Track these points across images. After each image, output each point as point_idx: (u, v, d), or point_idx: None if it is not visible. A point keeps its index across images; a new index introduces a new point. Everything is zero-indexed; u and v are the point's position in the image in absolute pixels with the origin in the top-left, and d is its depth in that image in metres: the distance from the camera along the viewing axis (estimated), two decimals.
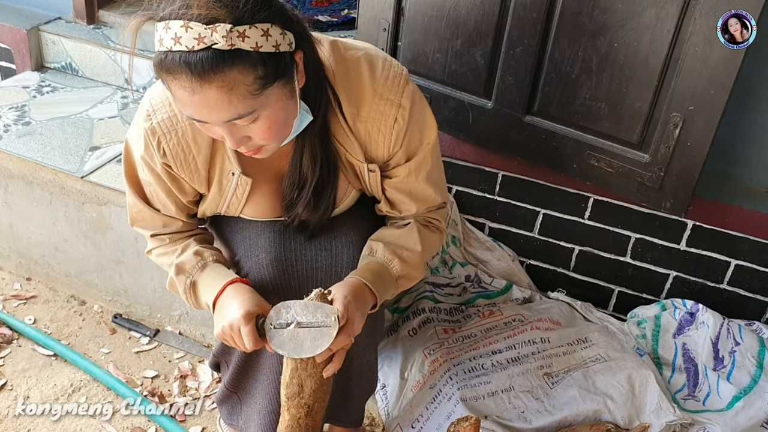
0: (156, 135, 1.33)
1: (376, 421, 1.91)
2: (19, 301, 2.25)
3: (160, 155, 1.34)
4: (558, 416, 1.61)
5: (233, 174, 1.38)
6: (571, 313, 1.95)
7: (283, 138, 1.23)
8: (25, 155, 2.14)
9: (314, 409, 1.28)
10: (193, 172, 1.38)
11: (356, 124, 1.33)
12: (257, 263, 1.44)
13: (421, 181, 1.42)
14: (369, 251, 1.44)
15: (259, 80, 1.09)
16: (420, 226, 1.47)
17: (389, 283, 1.40)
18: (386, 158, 1.39)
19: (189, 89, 1.07)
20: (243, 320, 1.27)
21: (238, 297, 1.33)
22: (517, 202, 2.09)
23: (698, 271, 1.98)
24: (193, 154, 1.35)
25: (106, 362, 2.05)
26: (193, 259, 1.43)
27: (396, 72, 1.34)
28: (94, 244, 2.13)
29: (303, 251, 1.45)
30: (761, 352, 1.73)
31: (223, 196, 1.43)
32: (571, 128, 1.80)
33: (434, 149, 1.43)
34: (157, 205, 1.45)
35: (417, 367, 1.84)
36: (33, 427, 1.83)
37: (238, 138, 1.18)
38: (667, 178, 1.71)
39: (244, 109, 1.11)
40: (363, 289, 1.32)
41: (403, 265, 1.41)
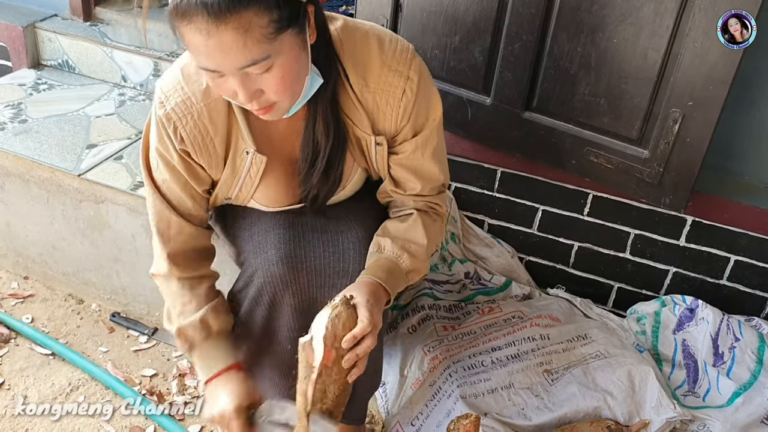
0: (171, 121, 1.32)
1: (375, 419, 1.90)
2: (17, 300, 2.24)
3: (177, 141, 1.34)
4: (558, 413, 1.61)
5: (247, 153, 1.37)
6: (570, 309, 1.95)
7: (294, 96, 1.22)
8: (22, 153, 2.13)
9: (334, 414, 1.28)
10: (211, 155, 1.37)
11: (364, 94, 1.33)
12: (266, 260, 1.44)
13: (428, 157, 1.42)
14: (377, 248, 1.43)
15: (273, 23, 1.09)
16: (423, 216, 1.47)
17: (400, 279, 1.40)
18: (393, 132, 1.39)
19: (205, 32, 1.07)
20: (234, 413, 1.33)
21: (230, 387, 1.37)
22: (516, 198, 2.09)
23: (698, 267, 1.98)
24: (210, 135, 1.34)
25: (105, 361, 2.04)
26: (197, 328, 1.43)
27: (403, 46, 1.35)
28: (92, 242, 2.12)
29: (311, 247, 1.44)
30: (761, 347, 1.73)
31: (237, 176, 1.41)
32: (570, 124, 1.80)
33: (439, 126, 1.44)
34: (174, 202, 1.43)
35: (416, 364, 1.84)
36: (31, 427, 1.82)
37: (251, 91, 1.17)
38: (667, 174, 1.70)
39: (258, 53, 1.10)
40: (379, 289, 1.33)
41: (412, 259, 1.42)
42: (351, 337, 1.22)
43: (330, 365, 1.24)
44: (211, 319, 1.44)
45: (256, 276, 1.46)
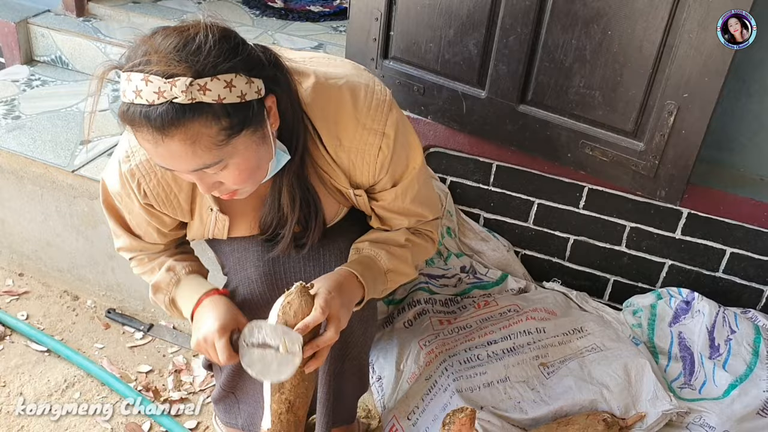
0: (135, 177, 1.31)
1: (372, 413, 1.90)
2: (12, 297, 2.23)
3: (141, 196, 1.33)
4: (554, 406, 1.61)
5: (211, 210, 1.37)
6: (566, 302, 1.94)
7: (257, 181, 1.21)
8: (15, 150, 2.12)
9: (295, 404, 1.27)
10: (176, 208, 1.37)
11: (339, 153, 1.31)
12: (246, 278, 1.44)
13: (409, 203, 1.41)
14: (355, 251, 1.43)
15: (223, 131, 1.07)
16: (408, 233, 1.47)
17: (378, 276, 1.39)
18: (372, 183, 1.37)
19: (152, 142, 1.06)
20: (217, 334, 1.29)
21: (214, 310, 1.34)
22: (511, 192, 2.08)
23: (694, 259, 1.98)
24: (174, 192, 1.34)
25: (100, 357, 2.04)
26: (166, 276, 1.45)
27: (379, 99, 1.30)
28: (86, 238, 2.11)
29: (291, 263, 1.43)
30: (757, 339, 1.73)
31: (205, 227, 1.42)
32: (565, 117, 1.79)
33: (420, 172, 1.41)
34: (138, 231, 1.44)
35: (413, 358, 1.84)
36: (27, 424, 1.82)
37: (209, 184, 1.17)
38: (662, 167, 1.70)
39: (209, 159, 1.09)
40: (350, 281, 1.31)
41: (390, 258, 1.40)
42: (302, 326, 1.20)
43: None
44: (177, 265, 1.45)
45: (237, 293, 1.46)
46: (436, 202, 1.51)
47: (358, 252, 1.42)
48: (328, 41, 2.63)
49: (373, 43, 1.95)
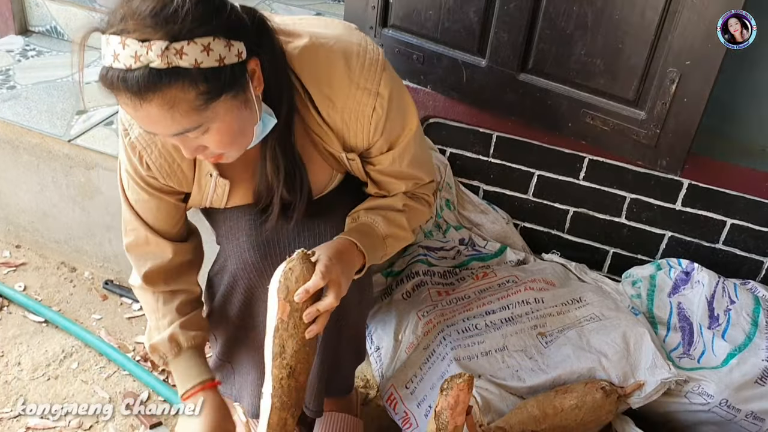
0: (136, 150, 1.30)
1: (370, 382, 1.91)
2: (9, 269, 2.22)
3: (144, 169, 1.32)
4: (552, 374, 1.60)
5: (210, 175, 1.35)
6: (565, 273, 1.94)
7: (243, 145, 1.20)
8: (11, 119, 2.11)
9: (297, 370, 1.27)
10: (180, 178, 1.35)
11: (331, 115, 1.29)
12: (238, 246, 1.42)
13: (405, 166, 1.39)
14: (351, 219, 1.42)
15: (202, 96, 1.06)
16: (406, 198, 1.45)
17: (377, 243, 1.38)
18: (366, 147, 1.35)
19: (131, 106, 1.05)
20: None
21: (207, 414, 1.41)
22: (511, 163, 2.07)
23: (694, 231, 1.97)
24: (177, 161, 1.32)
25: (98, 328, 2.04)
26: (167, 345, 1.44)
27: (372, 58, 1.28)
28: (83, 209, 2.10)
29: (284, 232, 1.41)
30: (756, 309, 1.72)
31: (204, 195, 1.40)
32: (566, 86, 1.77)
33: (416, 135, 1.39)
34: (149, 220, 1.42)
35: (411, 329, 1.83)
36: (25, 393, 1.82)
37: (192, 148, 1.16)
38: (663, 136, 1.68)
39: (189, 124, 1.08)
40: (350, 249, 1.30)
41: (387, 223, 1.39)
42: (303, 291, 1.20)
43: (285, 319, 1.23)
44: (180, 336, 1.44)
45: (230, 262, 1.45)
46: (431, 165, 1.50)
47: (354, 220, 1.41)
48: (326, 11, 2.61)
49: (372, 11, 1.93)
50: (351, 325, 1.54)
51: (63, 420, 1.75)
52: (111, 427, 1.73)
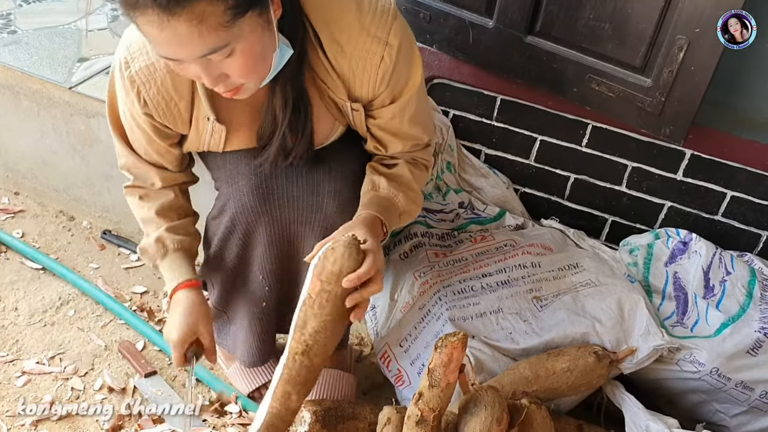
0: (135, 84, 1.29)
1: (365, 340, 1.92)
2: (7, 215, 2.22)
3: (141, 105, 1.31)
4: (545, 338, 1.61)
5: (208, 119, 1.35)
6: (563, 239, 1.94)
7: (262, 75, 1.18)
8: (11, 64, 2.08)
9: (312, 349, 1.27)
10: (176, 117, 1.35)
11: (338, 60, 1.28)
12: (237, 190, 1.43)
13: (406, 122, 1.39)
14: (371, 186, 1.42)
15: (230, 10, 1.04)
16: (409, 165, 1.46)
17: (394, 218, 1.40)
18: (370, 98, 1.34)
19: (157, 25, 1.02)
20: (175, 345, 1.47)
21: (182, 312, 1.46)
22: (514, 127, 2.05)
23: (694, 201, 1.96)
24: (174, 100, 1.32)
25: (95, 277, 2.04)
26: (153, 246, 1.48)
27: (384, 6, 1.27)
28: (83, 157, 2.09)
29: (284, 178, 1.42)
30: (751, 281, 1.73)
31: (201, 138, 1.40)
32: (573, 50, 1.76)
33: (419, 91, 1.38)
34: (140, 151, 1.44)
35: (407, 289, 1.84)
36: (21, 338, 1.83)
37: (215, 76, 1.13)
38: (668, 104, 1.67)
39: (216, 42, 1.06)
40: (377, 225, 1.33)
41: (407, 200, 1.41)
42: (355, 277, 1.21)
43: (314, 296, 1.24)
44: (167, 239, 1.48)
45: (228, 206, 1.45)
46: (432, 125, 1.50)
47: (375, 188, 1.41)
48: None
49: None
50: None
51: (59, 365, 1.77)
52: (106, 374, 1.75)
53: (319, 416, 1.53)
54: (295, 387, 1.30)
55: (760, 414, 1.63)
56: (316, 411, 1.53)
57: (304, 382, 1.30)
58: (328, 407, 1.55)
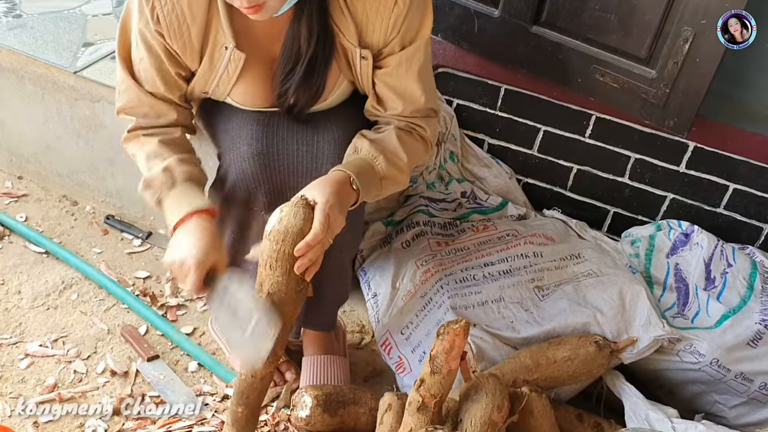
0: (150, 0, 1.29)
1: (365, 328, 1.93)
2: (11, 199, 2.22)
3: (153, 21, 1.31)
4: (546, 327, 1.62)
5: (226, 48, 1.34)
6: (565, 230, 1.94)
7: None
8: (16, 48, 2.08)
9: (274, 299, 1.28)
10: (186, 43, 1.34)
11: (354, 1, 1.29)
12: (239, 156, 1.43)
13: (412, 75, 1.39)
14: (353, 149, 1.41)
15: None
16: (400, 131, 1.44)
17: (372, 182, 1.37)
18: (381, 45, 1.35)
19: None
20: (194, 268, 1.28)
21: (198, 236, 1.31)
22: (518, 118, 2.06)
23: (696, 194, 1.97)
24: (187, 23, 1.31)
25: (98, 262, 2.04)
26: (161, 176, 1.39)
27: None
28: (87, 142, 2.09)
29: (285, 145, 1.43)
30: (753, 274, 1.74)
31: (214, 71, 1.39)
32: (578, 40, 1.76)
33: (427, 45, 1.40)
34: (146, 84, 1.41)
35: (409, 277, 1.84)
36: (24, 321, 1.84)
37: None
38: (673, 95, 1.68)
39: None
40: (345, 184, 1.30)
41: (387, 165, 1.39)
42: (304, 245, 1.21)
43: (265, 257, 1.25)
44: (176, 168, 1.39)
45: (230, 172, 1.45)
46: (434, 91, 1.49)
47: (357, 151, 1.40)
48: None
49: None
50: (335, 257, 1.50)
51: (62, 348, 1.78)
52: (109, 358, 1.76)
53: (320, 401, 1.54)
54: None
55: (759, 405, 1.64)
56: (317, 395, 1.54)
57: None
58: (328, 392, 1.57)
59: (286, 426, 1.61)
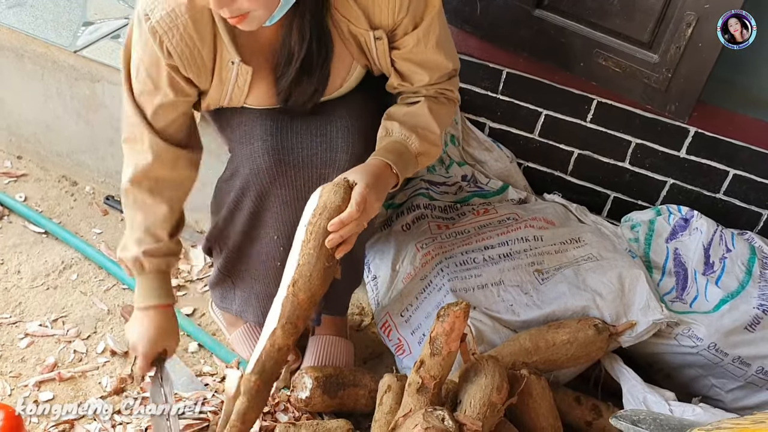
0: (157, 35, 1.28)
1: (365, 310, 1.93)
2: (10, 179, 2.22)
3: (165, 56, 1.30)
4: (546, 310, 1.63)
5: (232, 63, 1.34)
6: (565, 214, 1.95)
7: (271, 3, 1.18)
8: (16, 26, 2.07)
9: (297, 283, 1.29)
10: (200, 67, 1.33)
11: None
12: (252, 152, 1.42)
13: (431, 48, 1.39)
14: (385, 132, 1.42)
15: None
16: (431, 101, 1.44)
17: (409, 161, 1.39)
18: (392, 25, 1.35)
19: None
20: (143, 355, 1.49)
21: (153, 327, 1.49)
22: (520, 101, 2.05)
23: (696, 179, 1.97)
24: (198, 47, 1.30)
25: (98, 242, 2.04)
26: (131, 262, 1.48)
27: None
28: (87, 122, 2.08)
29: (299, 138, 1.42)
30: (751, 259, 1.74)
31: (225, 86, 1.39)
32: (581, 24, 1.75)
33: (440, 12, 1.39)
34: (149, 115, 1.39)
35: (409, 259, 1.85)
36: (24, 300, 1.84)
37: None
38: (675, 80, 1.67)
39: None
40: (385, 171, 1.32)
41: (421, 141, 1.40)
42: (338, 221, 1.24)
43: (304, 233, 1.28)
44: (144, 262, 1.47)
45: (242, 167, 1.45)
46: (454, 50, 1.49)
47: (388, 134, 1.40)
48: None
49: None
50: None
51: (62, 328, 1.78)
52: (109, 338, 1.76)
53: (320, 382, 1.55)
54: (280, 321, 1.30)
55: (756, 389, 1.65)
56: (317, 377, 1.55)
57: (288, 316, 1.30)
58: (329, 374, 1.57)
59: (286, 407, 1.62)
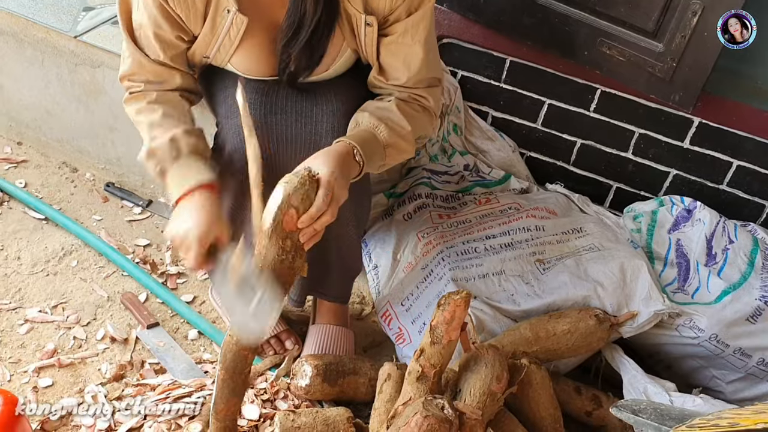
0: None
1: (366, 299, 1.93)
2: (10, 165, 2.21)
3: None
4: (547, 300, 1.62)
5: (228, 11, 1.33)
6: (567, 204, 1.94)
7: None
8: (15, 10, 2.05)
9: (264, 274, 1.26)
10: (189, 6, 1.32)
11: None
12: (237, 126, 1.39)
13: (417, 43, 1.38)
14: (355, 123, 1.41)
15: None
16: (401, 102, 1.43)
17: (376, 151, 1.36)
18: (387, 12, 1.34)
19: None
20: (196, 241, 1.28)
21: (200, 210, 1.31)
22: (523, 90, 2.04)
23: (699, 170, 1.96)
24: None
25: (98, 229, 2.04)
26: (167, 147, 1.37)
27: None
28: (87, 108, 2.07)
29: (284, 117, 1.42)
30: (754, 251, 1.73)
31: (216, 35, 1.37)
32: (585, 12, 1.74)
33: (432, 14, 1.39)
34: (148, 51, 1.40)
35: (410, 249, 1.84)
36: (24, 287, 1.84)
37: None
38: (679, 70, 1.66)
39: None
40: (349, 155, 1.28)
41: (390, 132, 1.37)
42: (307, 218, 1.20)
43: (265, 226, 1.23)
44: (182, 139, 1.38)
45: (227, 142, 1.44)
46: (438, 62, 1.48)
47: (358, 125, 1.39)
48: None
49: None
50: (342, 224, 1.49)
51: (61, 314, 1.78)
52: (109, 325, 1.76)
53: (320, 370, 1.54)
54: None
55: (756, 381, 1.65)
56: (317, 365, 1.55)
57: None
58: (329, 362, 1.57)
59: (286, 394, 1.62)
